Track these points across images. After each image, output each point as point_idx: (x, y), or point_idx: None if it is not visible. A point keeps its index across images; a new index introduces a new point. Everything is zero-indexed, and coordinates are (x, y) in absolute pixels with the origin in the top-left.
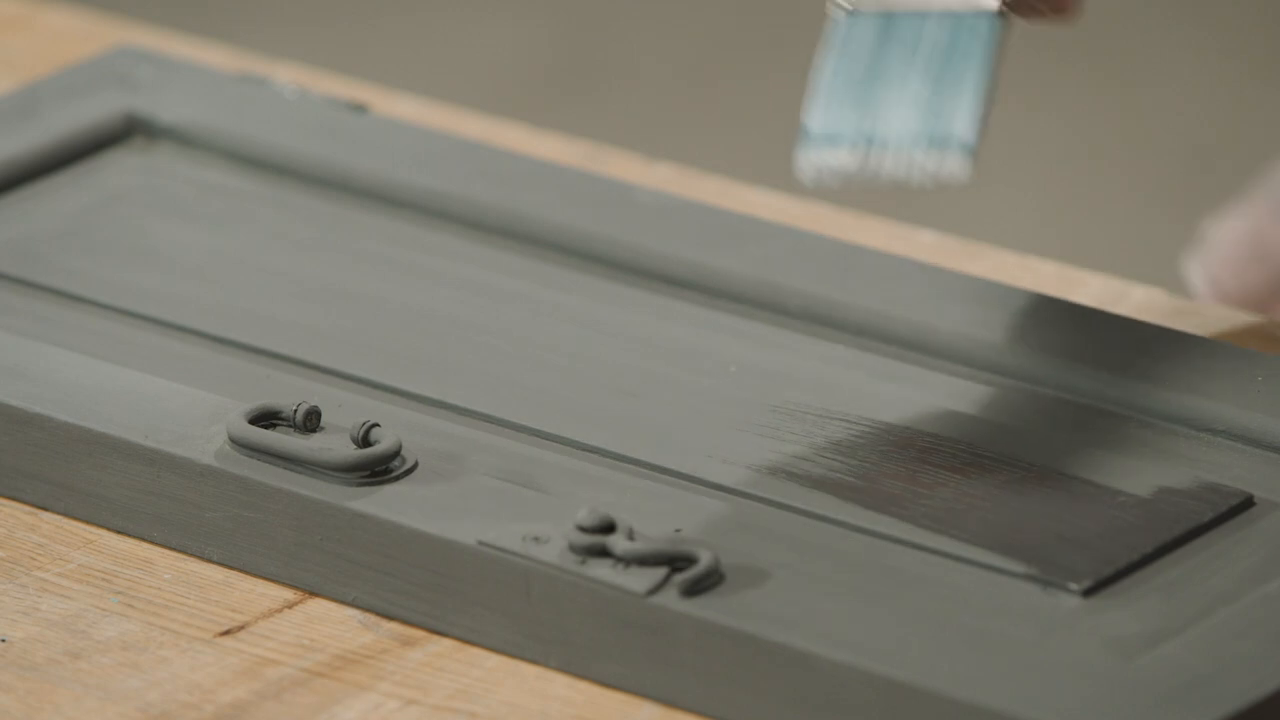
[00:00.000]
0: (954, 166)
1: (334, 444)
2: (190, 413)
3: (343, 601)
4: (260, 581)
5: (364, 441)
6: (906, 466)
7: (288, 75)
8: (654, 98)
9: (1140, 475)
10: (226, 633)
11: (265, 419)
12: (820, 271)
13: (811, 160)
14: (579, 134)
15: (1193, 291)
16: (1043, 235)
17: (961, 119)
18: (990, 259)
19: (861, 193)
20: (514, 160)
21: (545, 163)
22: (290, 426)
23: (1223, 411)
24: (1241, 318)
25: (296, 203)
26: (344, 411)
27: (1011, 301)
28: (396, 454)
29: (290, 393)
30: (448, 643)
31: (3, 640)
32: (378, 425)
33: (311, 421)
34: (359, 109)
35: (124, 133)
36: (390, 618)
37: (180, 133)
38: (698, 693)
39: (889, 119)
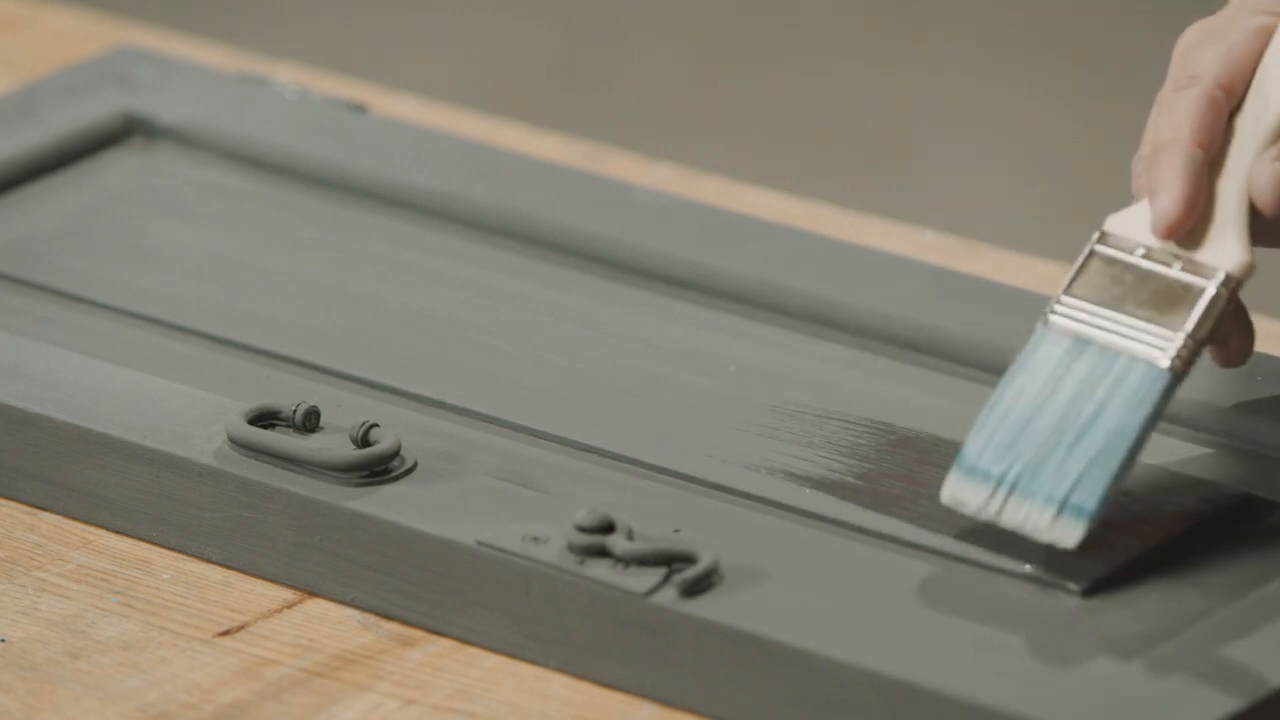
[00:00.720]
0: (1065, 534)
1: (333, 444)
2: (189, 413)
3: (342, 602)
4: (259, 582)
5: (363, 441)
6: (906, 466)
7: (287, 75)
8: (654, 98)
9: (1139, 475)
10: (226, 633)
11: (264, 419)
12: (820, 271)
13: (955, 486)
14: (579, 134)
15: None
16: (1043, 235)
17: (1090, 490)
18: (990, 259)
19: (861, 193)
20: (514, 160)
21: (545, 163)
22: (289, 426)
23: (1222, 411)
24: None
25: (296, 203)
26: (343, 411)
27: (1011, 301)
28: (396, 454)
29: (289, 393)
30: (447, 643)
31: (2, 640)
32: (377, 425)
33: (311, 421)
34: (358, 109)
35: (123, 133)
36: (389, 618)
37: (180, 133)
38: (697, 692)
39: (1032, 469)
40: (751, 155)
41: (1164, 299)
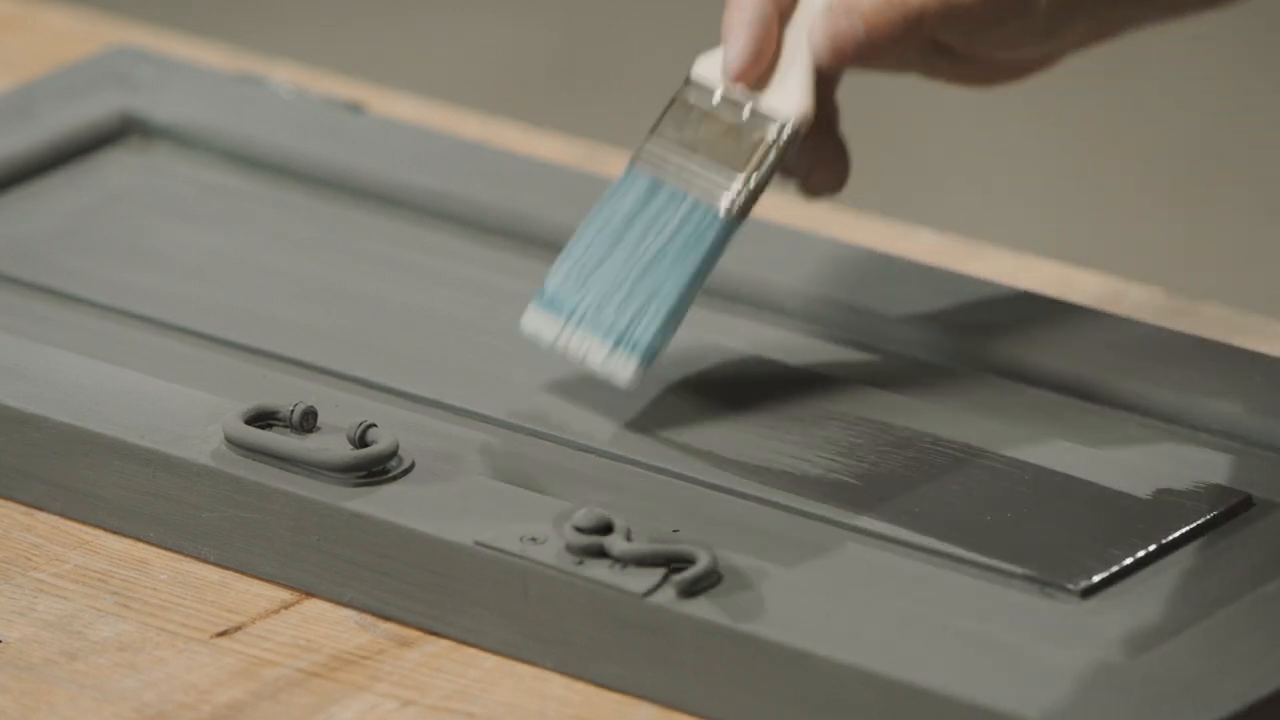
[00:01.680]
0: (620, 369)
1: (331, 444)
2: (187, 413)
3: (339, 602)
4: (257, 582)
5: (361, 442)
6: (906, 467)
7: (285, 75)
8: (654, 98)
9: (1139, 475)
10: (223, 633)
11: (262, 419)
12: (819, 272)
13: (533, 318)
14: (578, 134)
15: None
16: (1041, 235)
17: (645, 328)
18: (989, 259)
19: (860, 193)
20: (513, 160)
21: (544, 163)
22: (287, 427)
23: (1221, 412)
24: (1241, 318)
25: (295, 203)
26: (341, 411)
27: (1010, 301)
28: (393, 454)
29: (287, 393)
30: (445, 643)
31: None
32: (375, 425)
33: (308, 422)
34: (356, 109)
35: (121, 132)
36: (387, 618)
37: (178, 132)
38: (696, 693)
39: (599, 305)
40: None
41: (730, 144)
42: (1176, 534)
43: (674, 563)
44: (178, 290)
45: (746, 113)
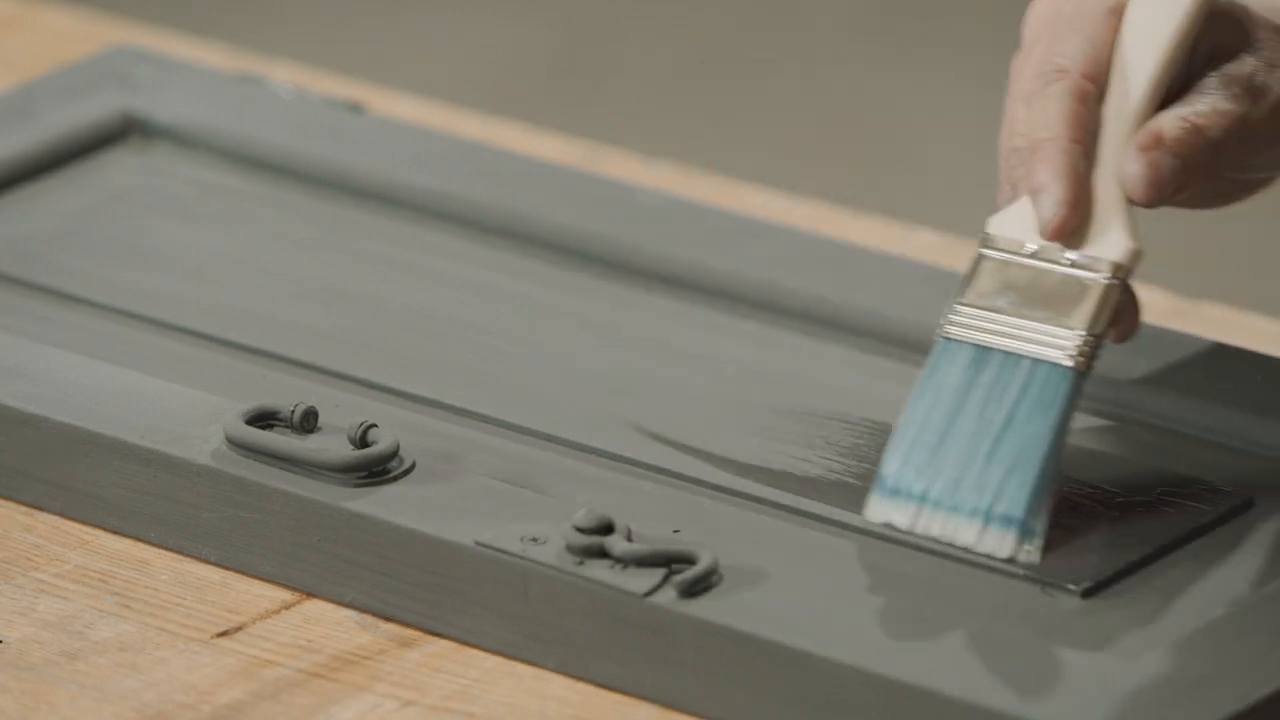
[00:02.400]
0: (997, 545)
1: (331, 444)
2: (187, 413)
3: (340, 602)
4: (257, 582)
5: (361, 442)
6: None
7: (285, 75)
8: (653, 98)
9: (1140, 477)
10: (223, 633)
11: (262, 419)
12: (819, 272)
13: (879, 508)
14: (578, 134)
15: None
16: None
17: (1014, 499)
18: None
19: (860, 192)
20: (513, 160)
21: (544, 163)
22: (287, 427)
23: (1222, 412)
24: (1241, 318)
25: (295, 203)
26: (341, 412)
27: None
28: (394, 454)
29: (288, 393)
30: (445, 643)
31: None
32: (375, 425)
33: (309, 422)
34: (356, 109)
35: (121, 132)
36: (388, 618)
37: (178, 132)
38: (696, 693)
39: (953, 483)
40: (750, 155)
41: (1058, 297)
42: (1178, 535)
43: (675, 563)
44: (178, 290)
45: (1068, 262)
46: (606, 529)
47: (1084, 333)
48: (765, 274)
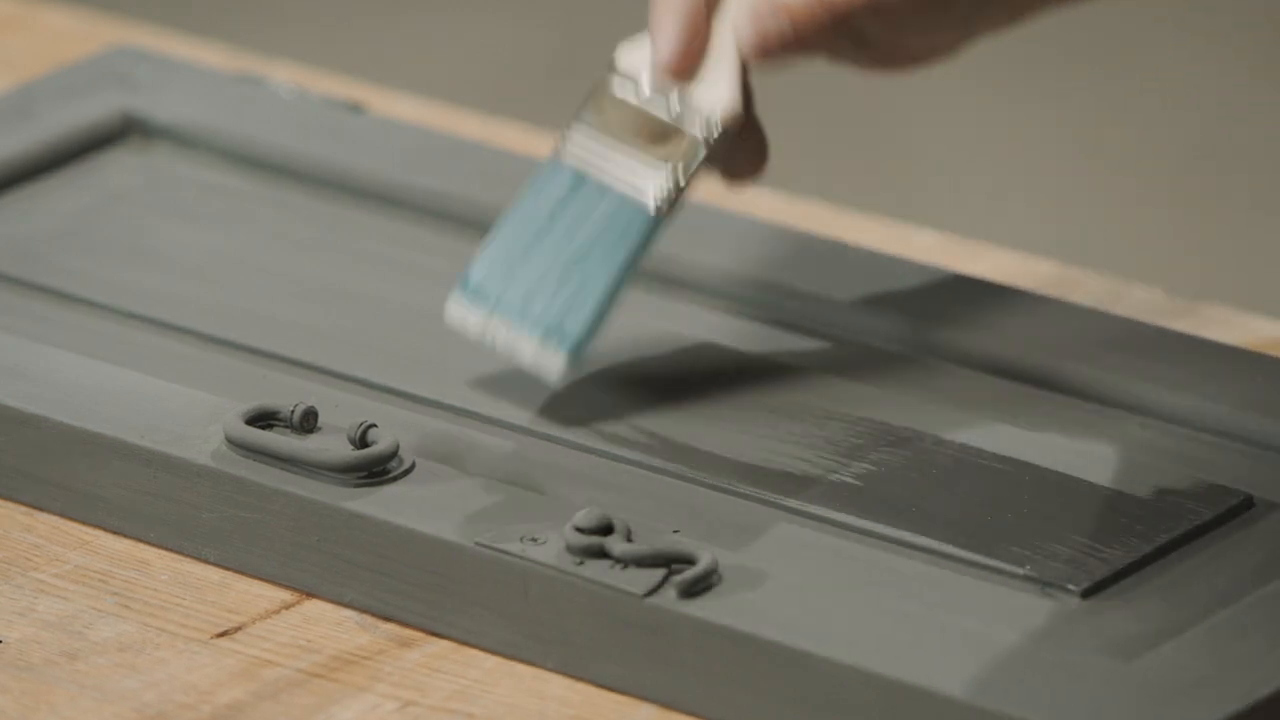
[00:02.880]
0: (549, 363)
1: (331, 444)
2: (187, 413)
3: (340, 602)
4: (257, 582)
5: (361, 442)
6: (906, 467)
7: (285, 75)
8: None
9: (1139, 476)
10: (223, 634)
11: (262, 419)
12: (819, 272)
13: (457, 308)
14: None
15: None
16: (1042, 235)
17: (574, 322)
18: (989, 259)
19: (860, 193)
20: (513, 160)
21: None
22: (287, 427)
23: (1222, 412)
24: (1241, 318)
25: (295, 203)
26: (341, 412)
27: (1010, 302)
28: (394, 454)
29: (288, 393)
30: (445, 644)
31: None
32: (375, 425)
33: (308, 422)
34: (356, 109)
35: (121, 132)
36: (388, 618)
37: (178, 132)
38: (696, 693)
39: (525, 296)
40: None
41: (657, 137)
42: (1177, 534)
43: (674, 563)
44: (178, 290)
45: (674, 106)
46: (606, 529)
47: (669, 179)
48: (764, 273)
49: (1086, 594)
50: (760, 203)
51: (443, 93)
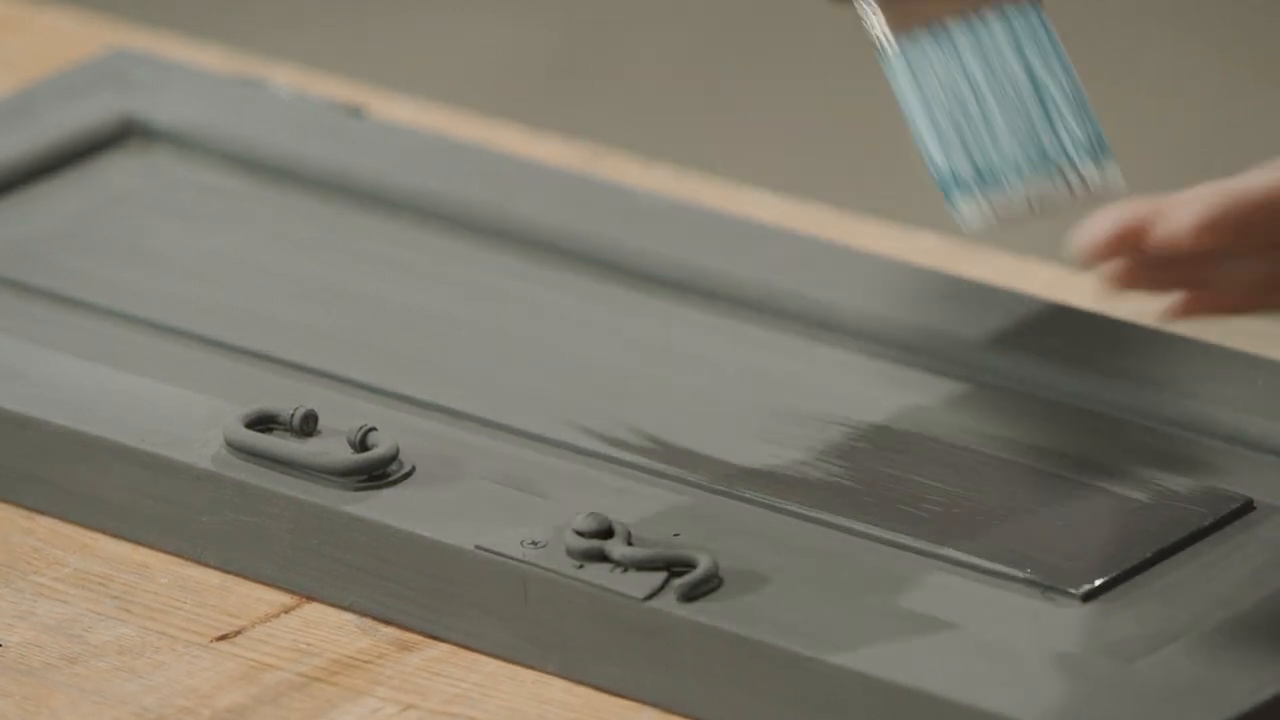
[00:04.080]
0: (1110, 177)
1: (331, 448)
2: (187, 416)
3: (340, 606)
4: (257, 586)
5: (361, 445)
6: (906, 471)
7: (284, 77)
8: (654, 99)
9: (1140, 479)
10: (223, 637)
11: (262, 423)
12: (820, 275)
13: (963, 208)
14: (578, 134)
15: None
16: (1041, 238)
17: (1091, 127)
18: (989, 262)
19: (861, 196)
20: (512, 163)
21: (543, 165)
22: (287, 430)
23: (1222, 415)
24: (1242, 319)
25: (295, 205)
26: (341, 415)
27: (1010, 305)
28: (394, 458)
29: (288, 396)
30: (445, 647)
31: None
32: (375, 429)
33: (308, 425)
34: (355, 111)
35: (121, 134)
36: (388, 622)
37: (177, 135)
38: (697, 697)
39: (1012, 150)
40: (751, 158)
41: None
42: (1178, 538)
43: (675, 566)
44: (178, 293)
45: None
46: (606, 533)
47: None
48: (765, 277)
49: (1087, 597)
50: (761, 205)
51: (443, 94)
